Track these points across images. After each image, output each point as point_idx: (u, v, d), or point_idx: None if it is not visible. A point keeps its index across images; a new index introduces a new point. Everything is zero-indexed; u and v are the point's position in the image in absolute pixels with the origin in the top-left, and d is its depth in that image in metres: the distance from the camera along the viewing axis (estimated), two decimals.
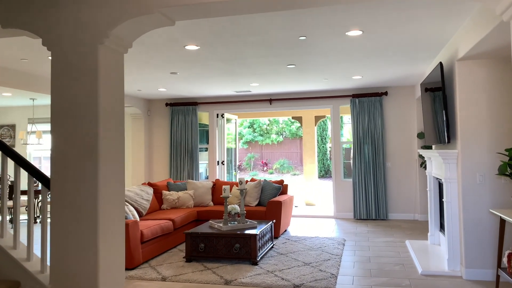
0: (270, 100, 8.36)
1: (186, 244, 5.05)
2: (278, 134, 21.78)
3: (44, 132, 10.19)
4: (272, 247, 5.64)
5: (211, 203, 7.09)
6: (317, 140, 19.65)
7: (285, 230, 6.88)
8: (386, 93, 7.77)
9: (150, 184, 6.87)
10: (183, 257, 5.05)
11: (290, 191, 14.46)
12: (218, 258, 4.97)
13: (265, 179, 7.00)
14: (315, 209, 9.50)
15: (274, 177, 20.57)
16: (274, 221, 5.69)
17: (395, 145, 7.83)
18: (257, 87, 7.46)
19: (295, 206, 10.14)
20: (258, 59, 5.19)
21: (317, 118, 10.73)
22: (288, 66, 5.65)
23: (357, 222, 7.61)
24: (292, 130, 21.59)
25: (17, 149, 10.23)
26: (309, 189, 10.61)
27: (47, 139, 10.23)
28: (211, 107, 8.81)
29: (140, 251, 4.90)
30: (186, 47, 4.52)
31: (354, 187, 7.86)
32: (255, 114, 10.48)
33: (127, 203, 5.51)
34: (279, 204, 6.27)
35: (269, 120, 21.55)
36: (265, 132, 21.84)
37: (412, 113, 7.76)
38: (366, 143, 7.83)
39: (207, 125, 8.92)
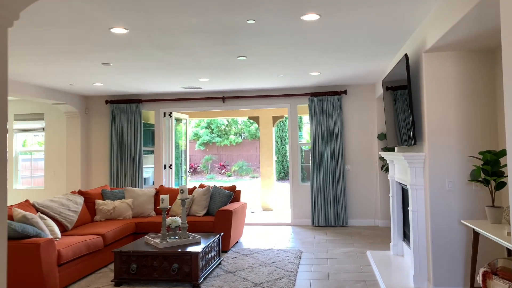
0: (223, 98, 7.66)
1: (115, 264, 4.25)
2: (237, 135, 21.11)
3: None
4: (219, 263, 4.94)
5: (153, 213, 6.29)
6: (277, 142, 19.16)
7: (237, 242, 6.20)
8: (345, 92, 7.29)
9: (80, 193, 5.97)
10: (112, 280, 4.25)
11: (247, 196, 13.81)
12: (153, 280, 4.21)
13: (215, 186, 6.30)
14: (272, 215, 8.90)
15: (233, 180, 19.88)
16: (222, 234, 5.00)
17: (355, 147, 7.36)
18: (207, 83, 6.75)
19: (252, 212, 9.52)
20: (203, 48, 4.49)
21: (275, 118, 10.15)
22: (239, 58, 4.98)
23: (315, 229, 7.06)
24: (252, 131, 21.00)
25: None
26: (266, 193, 10.00)
27: None
28: (157, 105, 7.99)
29: (57, 276, 4.05)
30: (112, 30, 3.74)
31: (312, 191, 7.32)
32: (207, 113, 9.74)
33: (45, 217, 4.63)
34: (229, 213, 5.58)
35: (228, 121, 20.85)
36: (223, 133, 21.10)
37: (372, 113, 7.33)
38: (325, 144, 7.31)
39: (154, 125, 8.09)
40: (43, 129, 8.62)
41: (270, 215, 8.97)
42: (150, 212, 6.24)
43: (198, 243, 4.51)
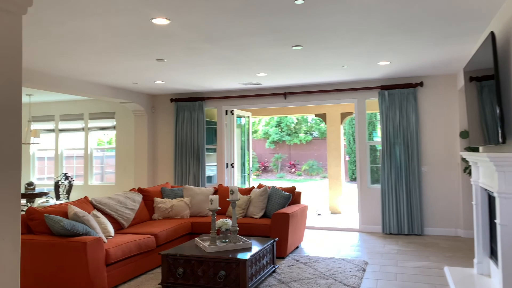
0: (284, 94, 7.27)
1: (162, 267, 4.08)
2: (307, 133, 20.56)
3: (43, 130, 9.61)
4: (273, 271, 4.57)
5: (211, 213, 6.10)
6: (349, 140, 18.27)
7: (297, 247, 5.79)
8: (421, 84, 6.49)
9: (140, 190, 5.98)
10: (159, 284, 4.09)
11: (315, 196, 13.27)
12: (199, 287, 3.97)
13: (273, 186, 5.94)
14: (339, 219, 8.33)
15: (303, 179, 19.40)
16: (276, 239, 4.62)
17: (432, 146, 6.53)
18: (266, 79, 6.41)
19: (318, 214, 9.03)
20: (252, 37, 4.14)
21: (344, 115, 9.51)
22: (294, 48, 4.56)
23: (385, 237, 6.39)
24: (322, 129, 20.31)
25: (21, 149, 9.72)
26: (334, 195, 9.42)
27: (46, 138, 9.64)
28: (219, 102, 7.83)
29: (105, 275, 3.98)
30: (154, 21, 3.55)
31: (383, 195, 6.63)
32: (271, 111, 9.40)
33: (99, 215, 4.62)
34: (285, 217, 5.19)
35: (297, 119, 20.38)
36: (293, 131, 20.67)
37: (453, 107, 6.44)
38: (398, 143, 6.58)
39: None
40: (114, 128, 8.94)
41: (337, 218, 8.41)
42: (207, 212, 6.08)
43: (249, 248, 4.18)
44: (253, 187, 6.16)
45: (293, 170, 20.61)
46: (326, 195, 12.55)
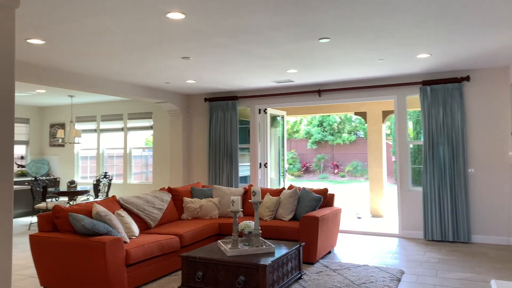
0: (318, 91, 6.97)
1: (182, 270, 3.97)
2: (350, 133, 19.94)
3: (86, 131, 9.92)
4: (299, 278, 4.33)
5: (241, 214, 5.96)
6: (394, 140, 17.50)
7: (329, 252, 5.49)
8: (467, 78, 5.95)
9: (169, 190, 5.94)
10: (178, 287, 3.98)
11: (357, 198, 12.77)
12: None
13: (303, 188, 5.67)
14: (380, 222, 7.91)
15: (346, 180, 18.83)
16: (302, 244, 4.37)
17: (480, 146, 5.97)
18: (298, 75, 6.15)
19: (358, 218, 8.64)
20: (274, 30, 3.93)
21: (386, 113, 9.02)
22: (321, 41, 4.28)
23: (427, 244, 5.92)
24: (367, 129, 19.60)
25: (66, 149, 10.11)
26: (375, 198, 8.96)
27: (89, 138, 9.95)
28: (252, 101, 7.67)
29: (125, 276, 3.93)
30: (169, 16, 3.44)
31: (425, 198, 6.16)
32: (306, 109, 9.09)
33: (123, 214, 4.60)
34: (314, 220, 4.91)
35: (340, 118, 19.82)
36: (336, 131, 20.12)
37: (504, 104, 5.84)
38: (441, 142, 6.09)
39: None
40: (151, 127, 9.05)
41: (378, 222, 7.98)
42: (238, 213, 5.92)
43: (272, 253, 3.97)
44: (283, 188, 5.94)
45: (336, 171, 20.06)
46: (367, 198, 12.02)
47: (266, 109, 7.65)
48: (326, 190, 5.64)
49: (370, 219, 8.50)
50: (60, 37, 4.11)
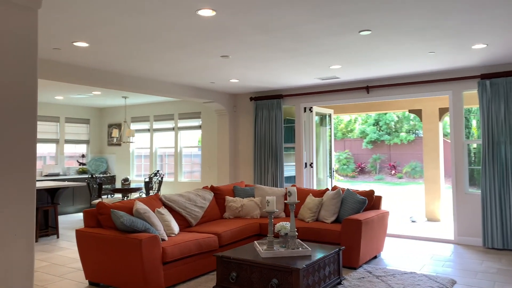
0: (367, 87, 6.66)
1: (217, 270, 3.94)
2: (409, 132, 18.99)
3: (140, 130, 10.30)
4: (338, 283, 4.13)
5: (283, 214, 5.84)
6: None
7: (375, 257, 5.21)
8: None
9: (212, 188, 5.96)
10: (213, 287, 3.96)
11: (413, 200, 12.10)
12: None
13: (347, 189, 5.43)
14: (435, 227, 7.42)
15: (404, 182, 17.98)
16: (342, 248, 4.17)
17: None
18: (342, 71, 5.91)
19: (412, 221, 8.18)
20: (309, 24, 3.77)
21: (443, 111, 8.44)
22: (362, 34, 4.05)
23: (486, 252, 5.42)
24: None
25: (123, 148, 10.58)
26: (431, 201, 8.42)
27: (142, 138, 10.32)
28: (297, 99, 7.51)
29: (161, 274, 3.98)
30: (199, 13, 3.41)
31: (484, 202, 5.65)
32: (356, 107, 8.73)
33: (163, 212, 4.68)
34: (357, 224, 4.68)
35: (398, 117, 18.94)
36: (393, 130, 19.26)
37: None
38: (503, 142, 5.55)
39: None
40: (200, 127, 9.21)
41: (433, 226, 7.50)
42: (279, 213, 5.83)
43: (308, 256, 3.82)
44: (327, 189, 5.74)
45: (393, 172, 19.22)
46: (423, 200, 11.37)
47: (311, 107, 7.46)
48: (372, 192, 5.36)
49: (425, 223, 8.00)
50: (103, 39, 4.25)
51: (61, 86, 7.41)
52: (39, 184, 6.83)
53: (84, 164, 10.59)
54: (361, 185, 17.72)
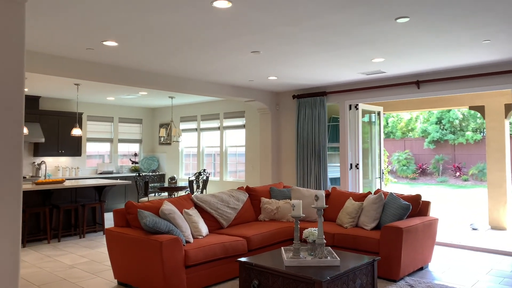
0: (417, 82, 6.10)
1: (240, 276, 3.75)
2: (476, 131, 17.51)
3: (188, 130, 10.40)
4: None
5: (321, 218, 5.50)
6: None
7: (421, 269, 4.72)
8: None
9: (247, 189, 5.78)
10: None
11: (472, 206, 11.05)
12: None
13: (391, 193, 4.98)
14: (500, 237, 6.67)
15: (470, 185, 16.61)
16: (377, 258, 3.78)
17: None
18: (387, 65, 5.44)
19: (473, 229, 7.44)
20: (340, 13, 3.44)
21: (509, 107, 7.57)
22: (399, 21, 3.64)
23: None
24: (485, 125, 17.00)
25: (172, 147, 10.77)
26: (495, 206, 7.59)
27: (190, 137, 10.42)
28: (341, 96, 7.10)
29: (184, 277, 3.86)
30: (214, 4, 3.23)
31: None
32: (406, 104, 8.08)
33: (191, 213, 4.57)
34: (397, 232, 4.24)
35: (463, 114, 17.53)
36: (458, 129, 17.86)
37: None
38: None
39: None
40: (244, 126, 9.08)
41: (498, 236, 6.74)
42: (316, 217, 5.50)
43: (336, 267, 3.50)
44: (369, 193, 5.32)
45: (457, 174, 17.84)
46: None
47: (357, 104, 7.01)
48: (418, 196, 4.87)
49: (488, 231, 7.22)
50: (130, 38, 4.23)
51: (110, 87, 7.63)
52: (87, 182, 7.08)
53: (136, 163, 10.92)
54: (422, 187, 16.64)
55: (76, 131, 7.44)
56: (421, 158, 19.16)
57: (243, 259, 3.73)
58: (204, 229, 4.55)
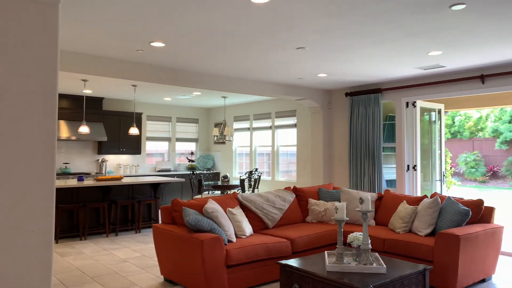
0: (481, 76, 5.59)
1: (280, 279, 3.65)
2: None
3: (240, 129, 10.45)
4: None
5: (372, 222, 5.24)
6: None
7: (483, 280, 4.31)
8: None
9: (295, 190, 5.66)
10: None
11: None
12: None
13: (448, 197, 4.60)
14: None
15: None
16: (428, 267, 3.49)
17: None
18: (447, 58, 5.04)
19: None
20: (387, 1, 3.22)
21: None
22: (454, 8, 3.32)
23: None
24: None
25: (227, 146, 10.90)
26: None
27: (243, 136, 10.46)
28: (397, 93, 6.72)
29: (225, 277, 3.85)
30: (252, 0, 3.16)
31: None
32: (468, 101, 7.42)
33: (234, 212, 4.55)
34: (454, 239, 3.89)
35: None
36: None
37: None
38: None
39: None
40: (295, 125, 8.94)
41: None
42: (368, 221, 5.23)
43: (382, 275, 3.28)
44: (424, 196, 4.96)
45: None
46: None
47: (414, 101, 6.59)
48: (479, 202, 4.45)
49: None
50: (176, 38, 4.30)
51: (166, 88, 7.87)
52: (143, 179, 7.37)
53: (193, 161, 11.21)
54: (492, 191, 15.37)
55: (133, 130, 7.76)
56: (492, 159, 17.70)
57: (284, 261, 3.63)
58: (248, 228, 4.51)
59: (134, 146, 9.62)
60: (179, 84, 6.01)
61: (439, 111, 7.02)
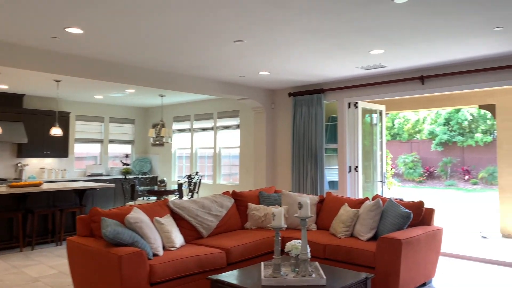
0: (421, 78, 5.56)
1: None
2: (486, 133, 16.84)
3: (180, 130, 9.92)
4: None
5: (313, 226, 4.98)
6: None
7: (423, 284, 4.18)
8: None
9: (234, 194, 5.27)
10: None
11: (487, 213, 10.42)
12: None
13: (390, 199, 4.44)
14: None
15: (479, 189, 15.96)
16: (370, 276, 3.24)
17: None
18: (388, 58, 4.91)
19: (483, 237, 6.90)
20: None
21: None
22: (397, 2, 3.11)
23: None
24: (496, 126, 16.32)
25: (166, 148, 10.30)
26: (507, 212, 7.02)
27: (183, 138, 9.94)
28: (339, 93, 6.57)
29: None
30: None
31: None
32: (410, 103, 7.51)
33: (163, 222, 4.07)
34: (395, 244, 3.70)
35: (472, 116, 16.87)
36: (467, 130, 17.20)
37: None
38: None
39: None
40: (238, 126, 8.58)
41: (511, 245, 6.16)
42: (309, 225, 4.97)
43: (321, 286, 2.98)
44: (366, 199, 4.78)
45: (466, 177, 17.16)
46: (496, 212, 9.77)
47: (356, 102, 6.47)
48: (420, 203, 4.32)
49: (499, 240, 6.65)
50: (96, 25, 3.76)
51: (94, 84, 7.16)
52: (65, 185, 6.62)
53: (127, 165, 10.47)
54: (429, 191, 16.01)
55: (55, 131, 6.97)
56: (428, 160, 18.51)
57: (215, 276, 3.22)
58: (178, 239, 4.05)
59: (60, 149, 8.75)
60: (105, 79, 5.41)
61: (381, 112, 6.97)
